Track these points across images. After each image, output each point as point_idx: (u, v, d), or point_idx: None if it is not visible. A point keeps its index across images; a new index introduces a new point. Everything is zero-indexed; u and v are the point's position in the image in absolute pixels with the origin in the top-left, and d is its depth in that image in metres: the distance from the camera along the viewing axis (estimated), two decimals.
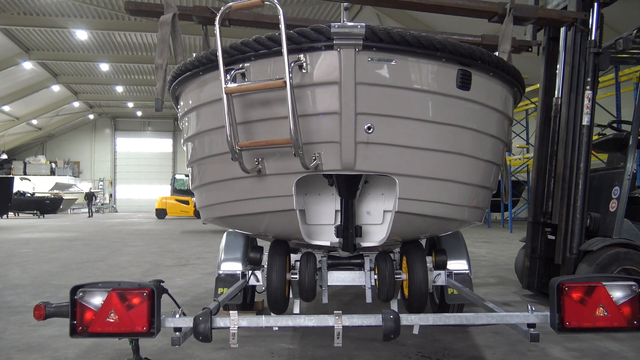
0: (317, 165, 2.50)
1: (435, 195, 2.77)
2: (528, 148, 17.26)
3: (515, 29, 3.90)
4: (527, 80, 4.14)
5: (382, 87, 2.45)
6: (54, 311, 2.24)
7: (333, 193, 3.23)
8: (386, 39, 2.38)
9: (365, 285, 3.49)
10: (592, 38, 4.73)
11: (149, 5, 3.97)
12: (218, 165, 2.96)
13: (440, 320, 2.49)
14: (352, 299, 5.42)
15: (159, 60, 3.14)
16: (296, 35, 2.37)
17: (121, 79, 30.59)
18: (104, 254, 10.14)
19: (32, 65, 25.90)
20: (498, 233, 15.94)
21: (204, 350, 3.60)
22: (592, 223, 4.99)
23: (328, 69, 2.39)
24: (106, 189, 42.35)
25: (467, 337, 3.97)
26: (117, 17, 20.34)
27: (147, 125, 43.42)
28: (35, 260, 9.03)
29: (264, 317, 2.45)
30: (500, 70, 2.83)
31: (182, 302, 5.05)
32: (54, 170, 39.72)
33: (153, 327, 2.18)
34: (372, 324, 2.35)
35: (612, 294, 2.17)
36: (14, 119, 33.26)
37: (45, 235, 14.98)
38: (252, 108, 2.57)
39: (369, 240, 3.17)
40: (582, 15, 4.64)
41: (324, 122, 2.45)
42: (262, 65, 2.52)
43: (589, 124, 4.80)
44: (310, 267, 3.27)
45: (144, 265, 8.39)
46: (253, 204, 2.89)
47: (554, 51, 5.33)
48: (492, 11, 3.95)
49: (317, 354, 3.58)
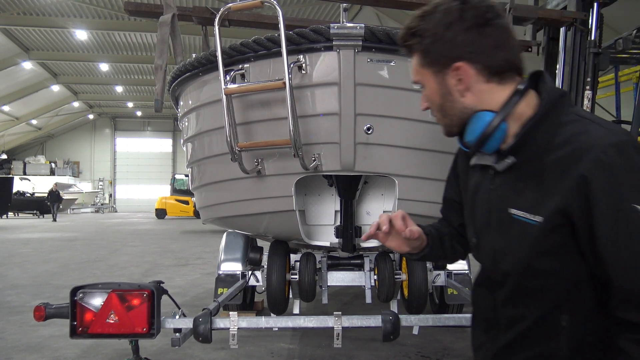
0: (317, 166, 2.50)
1: (435, 196, 2.76)
2: None
3: (515, 29, 3.90)
4: None
5: (381, 88, 2.46)
6: (54, 312, 2.24)
7: (333, 193, 3.23)
8: (385, 40, 2.38)
9: (365, 285, 3.49)
10: (592, 38, 4.72)
11: (149, 6, 3.97)
12: (218, 165, 2.96)
13: (439, 321, 2.50)
14: (351, 299, 5.42)
15: (158, 61, 3.13)
16: (295, 36, 2.37)
17: (121, 79, 30.56)
18: (104, 254, 10.14)
19: (32, 65, 25.88)
20: None
21: (204, 351, 3.60)
22: None
23: (327, 70, 2.39)
24: (106, 189, 42.33)
25: (467, 337, 3.96)
26: (117, 17, 20.33)
27: (146, 125, 43.40)
28: (35, 260, 9.03)
29: (263, 318, 2.45)
30: None
31: (182, 303, 5.05)
32: (54, 170, 39.68)
33: (153, 328, 2.18)
34: (371, 325, 2.35)
35: None
36: (13, 119, 33.24)
37: (45, 235, 14.98)
38: (252, 109, 2.58)
39: (368, 241, 3.17)
40: (582, 15, 4.64)
41: (324, 122, 2.45)
42: (261, 66, 2.52)
43: None
44: (310, 267, 3.27)
45: (144, 266, 8.39)
46: (253, 204, 2.90)
47: (553, 51, 5.32)
48: None
49: (316, 354, 3.58)
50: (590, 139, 1.10)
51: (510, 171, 1.22)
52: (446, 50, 1.21)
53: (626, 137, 1.10)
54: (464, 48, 1.20)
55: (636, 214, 1.03)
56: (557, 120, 1.16)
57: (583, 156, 1.08)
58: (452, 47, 1.20)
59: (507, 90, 1.21)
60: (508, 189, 1.23)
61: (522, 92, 1.20)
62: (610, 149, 1.07)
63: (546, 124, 1.17)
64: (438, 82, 1.26)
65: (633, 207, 1.04)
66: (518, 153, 1.20)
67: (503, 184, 1.25)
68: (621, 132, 1.12)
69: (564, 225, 1.11)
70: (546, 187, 1.13)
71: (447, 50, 1.21)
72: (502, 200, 1.24)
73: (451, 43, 1.20)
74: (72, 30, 21.47)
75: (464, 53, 1.20)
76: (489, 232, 1.30)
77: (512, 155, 1.20)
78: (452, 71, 1.22)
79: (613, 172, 1.06)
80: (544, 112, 1.17)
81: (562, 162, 1.11)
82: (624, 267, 1.05)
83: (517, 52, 1.25)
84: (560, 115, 1.17)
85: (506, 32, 1.22)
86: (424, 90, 1.31)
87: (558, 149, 1.12)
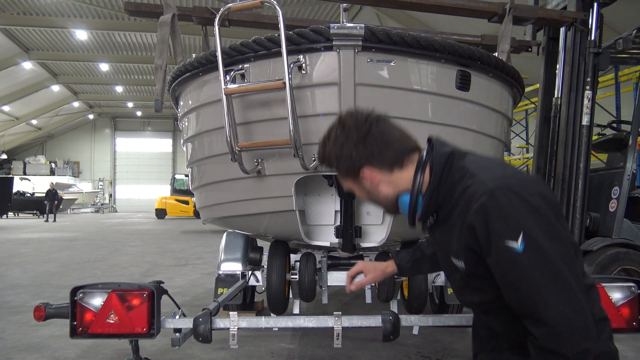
0: (317, 166, 2.50)
1: None
2: (528, 148, 17.24)
3: (515, 29, 3.90)
4: (527, 80, 4.14)
5: (381, 88, 2.46)
6: (54, 312, 2.24)
7: (333, 193, 3.23)
8: (385, 40, 2.38)
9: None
10: (592, 38, 4.72)
11: (149, 6, 3.97)
12: (218, 165, 2.96)
13: (439, 321, 2.50)
14: (351, 299, 5.42)
15: (158, 61, 3.13)
16: (295, 36, 2.37)
17: (121, 79, 30.55)
18: (104, 254, 10.14)
19: (32, 65, 25.87)
20: None
21: (204, 350, 3.60)
22: (592, 223, 4.99)
23: (327, 70, 2.39)
24: (106, 189, 42.32)
25: (467, 337, 3.96)
26: (117, 17, 20.32)
27: (146, 125, 43.39)
28: (35, 260, 9.03)
29: (263, 318, 2.45)
30: (499, 71, 2.83)
31: (182, 302, 5.05)
32: (54, 170, 39.66)
33: (153, 328, 2.18)
34: (371, 325, 2.35)
35: (611, 295, 2.16)
36: (13, 119, 33.22)
37: (45, 235, 14.98)
38: (252, 109, 2.58)
39: (368, 241, 3.17)
40: (581, 15, 4.64)
41: (324, 122, 2.44)
42: (261, 66, 2.52)
43: (588, 124, 4.80)
44: (310, 267, 3.27)
45: (144, 265, 8.40)
46: (253, 204, 2.90)
47: (553, 51, 5.32)
48: (492, 11, 3.95)
49: (316, 354, 3.58)
50: (472, 191, 1.34)
51: (438, 226, 1.53)
52: (349, 166, 1.52)
53: (499, 182, 1.31)
54: (360, 159, 1.49)
55: (509, 251, 1.26)
56: (450, 180, 1.44)
57: (469, 206, 1.33)
58: (351, 161, 1.50)
59: (410, 170, 1.50)
60: (443, 240, 1.54)
61: (423, 166, 1.49)
62: (483, 197, 1.29)
63: (444, 186, 1.45)
64: (357, 186, 1.58)
65: (505, 246, 1.26)
66: (434, 212, 1.50)
67: (440, 237, 1.56)
68: (496, 179, 1.32)
69: (477, 260, 1.37)
70: (457, 236, 1.41)
71: (350, 165, 1.51)
72: (442, 250, 1.58)
73: (350, 159, 1.50)
74: (72, 30, 21.46)
75: (362, 162, 1.49)
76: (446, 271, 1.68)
77: (432, 214, 1.51)
78: (362, 177, 1.53)
79: (486, 216, 1.28)
80: (436, 181, 1.46)
81: (460, 215, 1.38)
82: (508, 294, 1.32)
83: (403, 138, 1.53)
84: (450, 175, 1.44)
85: (385, 132, 1.50)
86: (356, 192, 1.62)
87: (456, 205, 1.40)
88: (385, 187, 1.53)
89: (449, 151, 1.48)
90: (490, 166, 1.41)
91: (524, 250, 1.23)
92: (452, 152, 1.48)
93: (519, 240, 1.24)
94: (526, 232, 1.24)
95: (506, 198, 1.26)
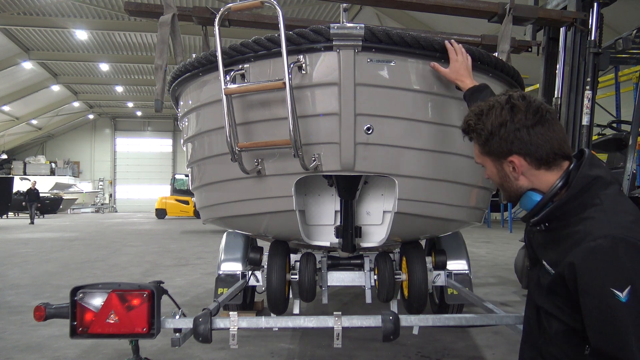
0: (317, 166, 2.50)
1: (435, 196, 2.77)
2: None
3: (515, 29, 3.90)
4: (526, 80, 4.14)
5: (381, 88, 2.45)
6: (54, 312, 2.24)
7: (333, 194, 3.23)
8: (385, 40, 2.38)
9: (365, 285, 3.49)
10: (592, 38, 4.72)
11: (149, 6, 3.96)
12: (218, 165, 2.96)
13: (439, 321, 2.49)
14: (351, 299, 5.43)
15: (158, 61, 3.13)
16: (295, 36, 2.37)
17: (121, 79, 30.57)
18: (104, 254, 10.14)
19: (32, 65, 25.88)
20: (498, 233, 15.94)
21: (204, 350, 3.60)
22: None
23: (327, 70, 2.39)
24: (106, 189, 42.33)
25: (467, 337, 3.97)
26: (117, 17, 20.33)
27: (147, 125, 43.40)
28: (35, 260, 9.03)
29: (263, 318, 2.45)
30: (499, 71, 2.83)
31: (182, 302, 5.05)
32: (54, 170, 39.69)
33: (153, 328, 2.18)
34: (371, 325, 2.35)
35: None
36: (13, 119, 33.23)
37: (45, 235, 14.99)
38: (252, 109, 2.57)
39: (368, 241, 3.17)
40: (582, 15, 4.63)
41: (324, 123, 2.45)
42: (261, 67, 2.51)
43: (588, 124, 4.79)
44: (310, 267, 3.27)
45: (144, 265, 8.40)
46: (253, 204, 2.89)
47: (553, 51, 5.32)
48: (492, 11, 3.94)
49: (316, 354, 3.58)
50: (592, 225, 1.36)
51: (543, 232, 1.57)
52: (501, 146, 1.50)
53: (626, 233, 1.32)
54: (515, 145, 1.47)
55: (612, 298, 1.29)
56: (580, 202, 1.44)
57: (582, 238, 1.35)
58: (505, 143, 1.48)
59: (554, 175, 1.50)
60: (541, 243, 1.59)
61: (566, 178, 1.49)
62: (602, 240, 1.32)
63: (573, 205, 1.45)
64: (496, 167, 1.58)
65: (610, 291, 1.29)
66: (550, 221, 1.52)
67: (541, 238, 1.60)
68: (624, 228, 1.34)
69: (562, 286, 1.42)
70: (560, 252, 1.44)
71: (502, 146, 1.50)
72: (538, 250, 1.62)
73: (505, 140, 1.48)
74: (72, 30, 21.48)
75: (516, 149, 1.48)
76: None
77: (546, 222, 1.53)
78: (508, 162, 1.52)
79: (597, 258, 1.30)
80: (570, 198, 1.46)
81: (570, 238, 1.40)
82: (593, 330, 1.34)
83: (563, 142, 1.51)
84: (584, 198, 1.44)
85: (551, 128, 1.48)
86: (485, 169, 1.64)
87: (572, 226, 1.42)
88: (524, 179, 1.53)
89: (595, 175, 1.47)
90: (624, 211, 1.42)
91: (628, 302, 1.28)
92: (597, 178, 1.47)
93: (625, 292, 1.28)
94: (635, 287, 1.29)
95: (627, 250, 1.30)
